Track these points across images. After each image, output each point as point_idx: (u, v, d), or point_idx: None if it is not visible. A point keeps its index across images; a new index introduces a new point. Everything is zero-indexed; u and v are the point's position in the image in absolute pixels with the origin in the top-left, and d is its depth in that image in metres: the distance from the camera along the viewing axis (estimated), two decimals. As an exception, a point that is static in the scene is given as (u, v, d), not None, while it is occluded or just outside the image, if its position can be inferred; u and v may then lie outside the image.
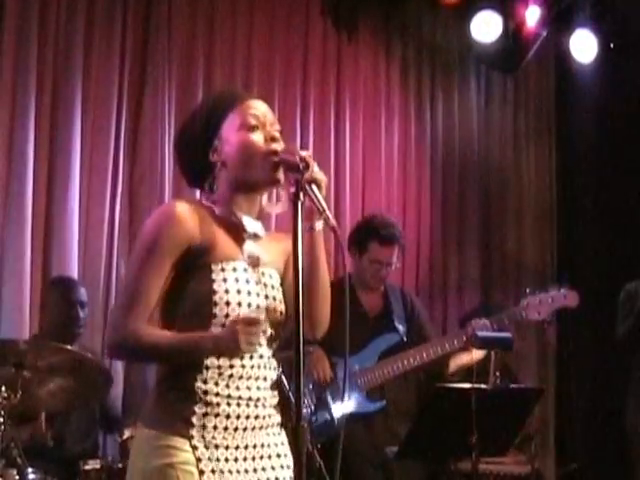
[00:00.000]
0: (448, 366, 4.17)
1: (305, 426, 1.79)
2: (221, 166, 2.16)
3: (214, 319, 2.06)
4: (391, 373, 3.99)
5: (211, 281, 2.06)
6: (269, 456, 2.12)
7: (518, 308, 4.08)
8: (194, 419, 2.04)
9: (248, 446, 2.08)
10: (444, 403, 3.47)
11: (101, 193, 4.79)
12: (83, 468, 3.72)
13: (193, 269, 2.08)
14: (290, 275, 2.08)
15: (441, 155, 6.04)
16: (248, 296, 2.09)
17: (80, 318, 4.24)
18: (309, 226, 2.08)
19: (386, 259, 4.11)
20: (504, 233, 6.20)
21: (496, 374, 3.70)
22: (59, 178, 4.70)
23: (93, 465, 3.76)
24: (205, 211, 2.15)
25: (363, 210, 5.63)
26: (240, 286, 2.08)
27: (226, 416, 2.06)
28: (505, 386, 3.70)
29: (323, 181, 2.02)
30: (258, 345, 2.07)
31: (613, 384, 5.30)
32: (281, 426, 2.17)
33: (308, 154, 2.04)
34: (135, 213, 4.92)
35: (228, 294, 2.06)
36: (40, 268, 4.59)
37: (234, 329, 1.99)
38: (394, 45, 5.93)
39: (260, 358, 2.12)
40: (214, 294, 2.05)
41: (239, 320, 2.02)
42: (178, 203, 2.12)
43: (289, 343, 1.92)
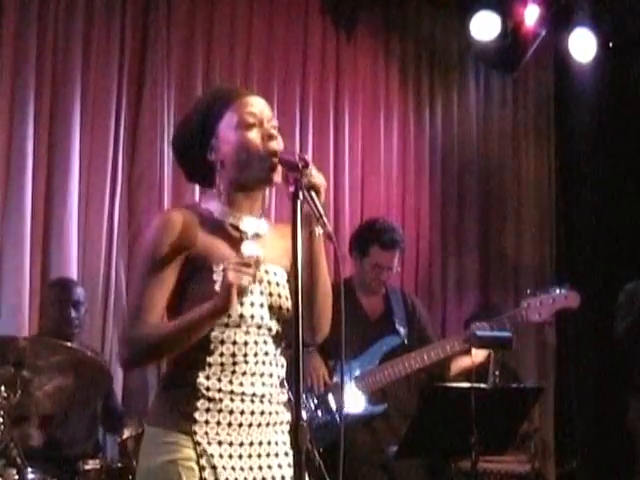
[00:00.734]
0: (449, 369, 4.17)
1: (304, 425, 1.79)
2: (219, 165, 2.15)
3: (229, 317, 2.07)
4: (393, 376, 3.98)
5: (212, 282, 2.06)
6: (276, 454, 2.11)
7: (519, 310, 4.07)
8: (197, 415, 2.04)
9: (253, 443, 2.08)
10: (443, 402, 3.47)
11: (100, 193, 4.79)
12: (83, 468, 3.72)
13: (195, 273, 2.08)
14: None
15: (440, 155, 6.04)
16: (250, 295, 2.08)
17: (73, 318, 4.23)
18: (309, 231, 2.05)
19: (387, 263, 4.12)
20: (503, 234, 6.19)
21: (495, 373, 3.70)
22: (58, 178, 4.70)
23: (93, 465, 3.76)
24: (201, 215, 2.15)
25: (362, 210, 5.63)
26: (253, 287, 2.06)
27: (229, 412, 2.05)
28: (504, 385, 3.70)
29: (322, 186, 2.00)
30: (250, 292, 2.03)
31: (613, 383, 5.31)
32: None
33: (307, 157, 2.03)
34: (134, 213, 4.92)
35: (241, 294, 2.04)
36: (39, 268, 4.59)
37: (224, 273, 1.98)
38: (393, 44, 5.93)
39: (265, 355, 2.11)
40: (216, 295, 2.05)
41: (229, 261, 2.00)
42: (173, 212, 2.14)
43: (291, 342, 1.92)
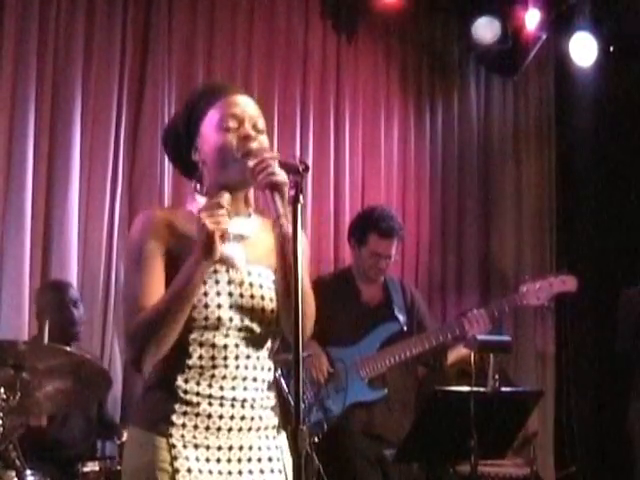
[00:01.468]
0: (447, 358, 4.19)
1: (305, 429, 1.78)
2: (202, 165, 2.15)
3: (194, 323, 2.04)
4: (392, 362, 4.01)
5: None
6: (258, 459, 2.08)
7: (517, 294, 4.10)
8: (174, 417, 2.03)
9: (233, 447, 2.05)
10: (443, 406, 3.47)
11: (101, 193, 4.79)
12: (82, 470, 3.72)
13: (175, 274, 2.04)
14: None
15: (440, 157, 6.04)
16: (229, 297, 2.06)
17: (75, 316, 4.24)
18: (278, 231, 2.01)
19: (385, 252, 4.12)
20: (503, 234, 6.20)
21: (495, 377, 3.69)
22: (58, 179, 4.70)
23: (92, 467, 3.76)
24: (183, 217, 2.13)
25: (362, 212, 5.63)
26: (220, 288, 2.06)
27: (207, 416, 2.04)
28: (504, 389, 3.70)
29: (284, 184, 1.96)
30: (226, 233, 1.99)
31: (612, 386, 5.31)
32: (279, 429, 2.14)
33: (273, 155, 2.01)
34: (134, 214, 4.90)
35: (207, 297, 2.04)
36: (39, 269, 4.59)
37: (198, 221, 1.96)
38: (393, 48, 5.93)
39: (247, 358, 2.08)
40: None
41: (200, 210, 1.99)
42: (152, 211, 2.15)
43: (287, 346, 1.90)
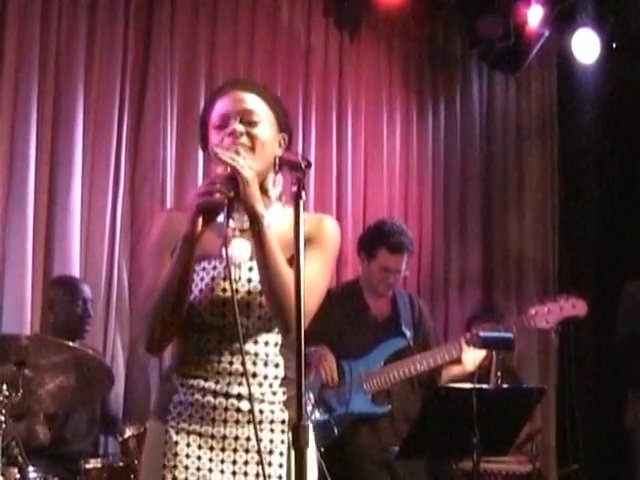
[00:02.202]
0: (440, 375, 4.16)
1: (306, 425, 1.78)
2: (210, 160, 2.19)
3: (191, 320, 2.09)
4: (397, 377, 3.98)
5: (191, 281, 2.09)
6: (257, 451, 2.04)
7: (526, 316, 4.07)
8: (171, 407, 2.12)
9: (227, 437, 2.09)
10: (446, 403, 3.47)
11: (103, 192, 4.79)
12: (84, 467, 3.73)
13: None
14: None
15: (443, 155, 6.04)
16: (223, 293, 2.08)
17: (84, 315, 4.27)
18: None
19: (395, 267, 4.08)
20: (506, 233, 6.20)
21: (497, 374, 3.69)
22: (61, 178, 4.70)
23: (94, 464, 3.77)
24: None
25: (364, 209, 5.63)
26: (215, 284, 2.08)
27: (201, 406, 2.10)
28: (506, 386, 3.70)
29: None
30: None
31: (614, 385, 5.30)
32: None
33: (228, 154, 2.01)
34: (137, 213, 4.93)
35: (201, 294, 2.09)
36: (42, 267, 4.59)
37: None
38: (396, 44, 5.93)
39: (245, 354, 2.08)
40: (190, 294, 2.08)
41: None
42: (166, 211, 2.28)
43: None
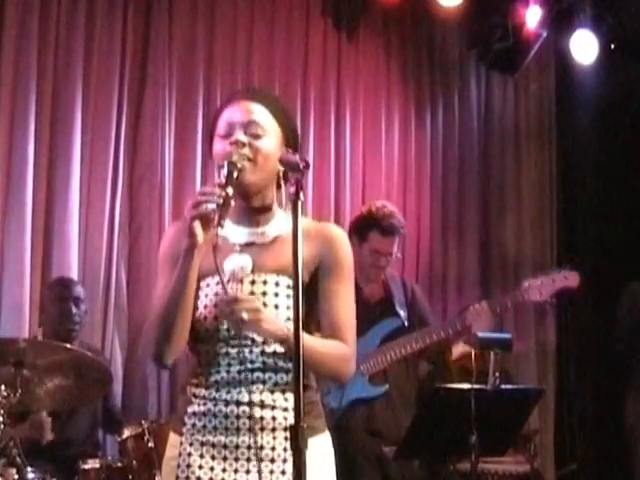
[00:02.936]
0: (451, 353, 4.18)
1: (305, 427, 1.79)
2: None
3: (197, 334, 2.12)
4: (393, 357, 4.01)
5: (197, 298, 2.10)
6: (271, 459, 2.07)
7: (520, 290, 4.10)
8: (186, 418, 2.13)
9: (240, 446, 2.08)
10: (444, 403, 3.47)
11: (101, 193, 4.79)
12: (83, 467, 3.72)
13: None
14: (320, 277, 2.14)
15: (441, 154, 6.04)
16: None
17: (73, 314, 4.22)
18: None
19: (386, 249, 4.11)
20: (503, 231, 6.20)
21: (496, 375, 3.69)
22: (59, 178, 4.70)
23: (92, 464, 3.76)
24: None
25: (363, 211, 5.63)
26: (216, 299, 2.07)
27: (213, 415, 2.10)
28: (505, 387, 3.70)
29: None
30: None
31: (613, 384, 5.31)
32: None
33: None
34: (135, 214, 4.93)
35: (205, 309, 2.10)
36: (40, 268, 4.59)
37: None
38: (394, 45, 5.93)
39: (251, 363, 2.09)
40: (196, 311, 2.10)
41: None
42: (174, 223, 2.28)
43: None
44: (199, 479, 2.08)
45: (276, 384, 2.11)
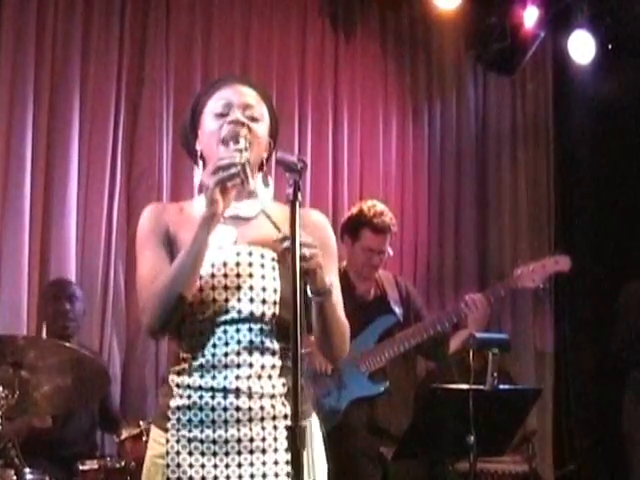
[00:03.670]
0: (449, 347, 4.19)
1: (304, 426, 1.78)
2: (202, 153, 2.22)
3: (183, 311, 2.06)
4: (391, 354, 4.01)
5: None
6: (263, 450, 2.04)
7: (512, 277, 4.12)
8: (169, 413, 2.08)
9: (229, 440, 2.03)
10: (442, 403, 3.47)
11: (99, 193, 4.79)
12: (81, 468, 3.72)
13: (175, 254, 2.11)
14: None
15: (438, 154, 6.05)
16: (211, 278, 2.07)
17: (67, 310, 4.24)
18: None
19: (379, 247, 4.12)
20: (501, 231, 6.21)
21: (494, 375, 3.69)
22: (57, 178, 4.70)
23: (91, 465, 3.76)
24: (178, 208, 2.24)
25: (361, 210, 5.63)
26: (202, 270, 2.05)
27: (199, 408, 2.05)
28: (503, 387, 3.70)
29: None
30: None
31: (611, 385, 5.31)
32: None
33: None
34: (133, 213, 4.91)
35: (201, 280, 2.06)
36: (38, 268, 4.59)
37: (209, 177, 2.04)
38: (390, 46, 5.93)
39: (238, 343, 2.05)
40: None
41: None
42: (152, 204, 2.26)
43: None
44: (191, 478, 2.03)
45: (263, 367, 2.07)
